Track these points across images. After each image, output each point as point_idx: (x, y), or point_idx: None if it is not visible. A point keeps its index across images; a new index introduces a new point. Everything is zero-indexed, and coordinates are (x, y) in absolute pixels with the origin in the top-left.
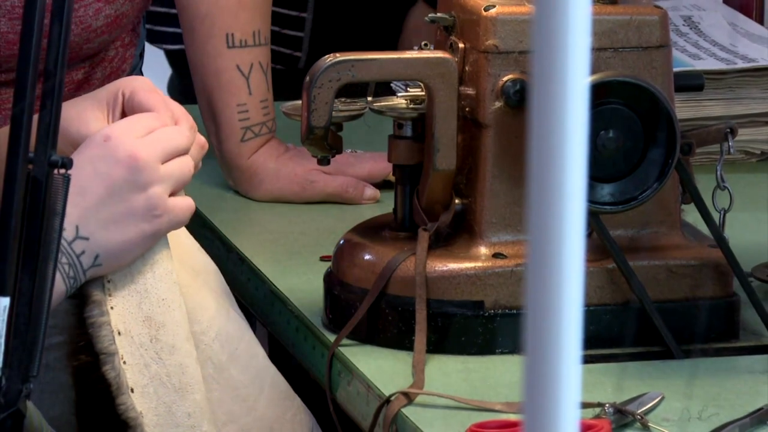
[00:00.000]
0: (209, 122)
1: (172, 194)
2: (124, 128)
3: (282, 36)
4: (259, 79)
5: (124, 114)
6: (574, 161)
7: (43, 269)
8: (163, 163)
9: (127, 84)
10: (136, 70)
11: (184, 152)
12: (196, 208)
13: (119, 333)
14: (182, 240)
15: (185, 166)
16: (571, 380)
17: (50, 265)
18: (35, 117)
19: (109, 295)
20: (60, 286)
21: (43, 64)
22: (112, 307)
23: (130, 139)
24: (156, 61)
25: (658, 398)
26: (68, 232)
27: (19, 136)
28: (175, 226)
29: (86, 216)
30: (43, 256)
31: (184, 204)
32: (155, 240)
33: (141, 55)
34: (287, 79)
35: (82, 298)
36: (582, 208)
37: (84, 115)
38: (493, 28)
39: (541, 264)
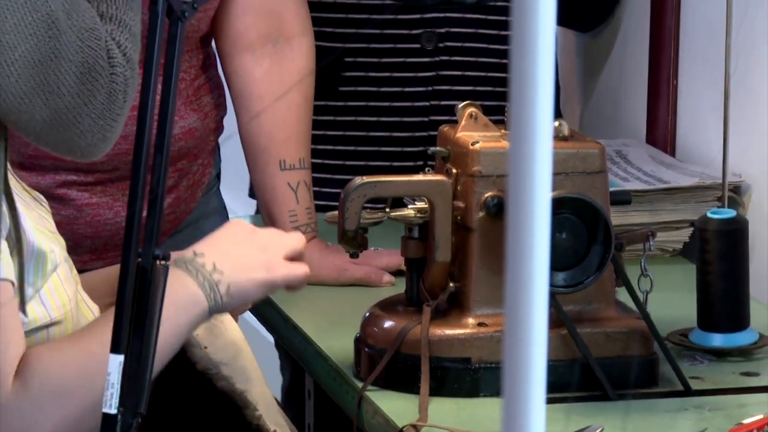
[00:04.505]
0: (268, 224)
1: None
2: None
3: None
4: (304, 192)
5: None
6: (539, 256)
7: (148, 334)
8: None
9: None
10: (215, 188)
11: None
12: None
13: None
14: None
15: (299, 240)
16: (538, 416)
17: (153, 331)
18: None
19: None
20: (203, 302)
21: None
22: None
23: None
24: (233, 181)
25: (599, 430)
26: (208, 266)
27: (131, 235)
28: (291, 282)
29: (221, 259)
30: (148, 324)
31: (298, 266)
32: (272, 288)
33: (218, 176)
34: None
35: None
36: (545, 290)
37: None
38: (478, 158)
39: (515, 330)
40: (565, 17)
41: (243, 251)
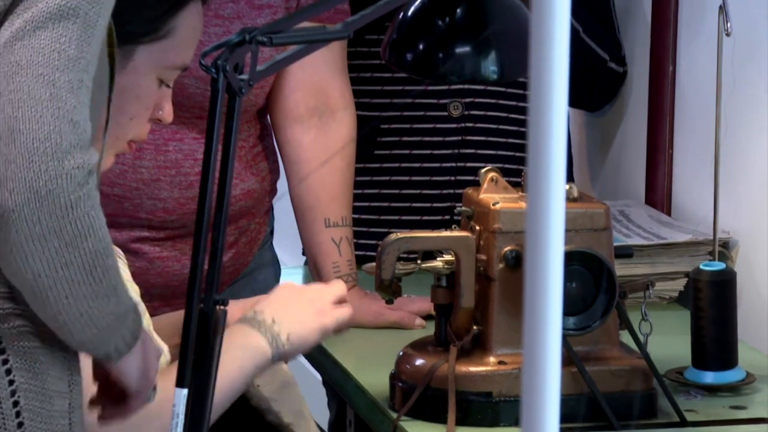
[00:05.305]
0: (315, 275)
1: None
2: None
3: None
4: (346, 246)
5: None
6: (553, 302)
7: (209, 371)
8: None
9: (263, 299)
10: (268, 243)
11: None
12: None
13: None
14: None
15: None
16: None
17: (213, 368)
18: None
19: None
20: (266, 349)
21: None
22: None
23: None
24: (284, 236)
25: None
26: (268, 320)
27: (194, 284)
28: (341, 326)
29: (279, 314)
30: (209, 362)
31: (345, 308)
32: (326, 332)
33: (272, 233)
34: None
35: None
36: (558, 333)
37: (233, 309)
38: (498, 216)
39: (532, 368)
40: (575, 99)
41: (295, 305)
